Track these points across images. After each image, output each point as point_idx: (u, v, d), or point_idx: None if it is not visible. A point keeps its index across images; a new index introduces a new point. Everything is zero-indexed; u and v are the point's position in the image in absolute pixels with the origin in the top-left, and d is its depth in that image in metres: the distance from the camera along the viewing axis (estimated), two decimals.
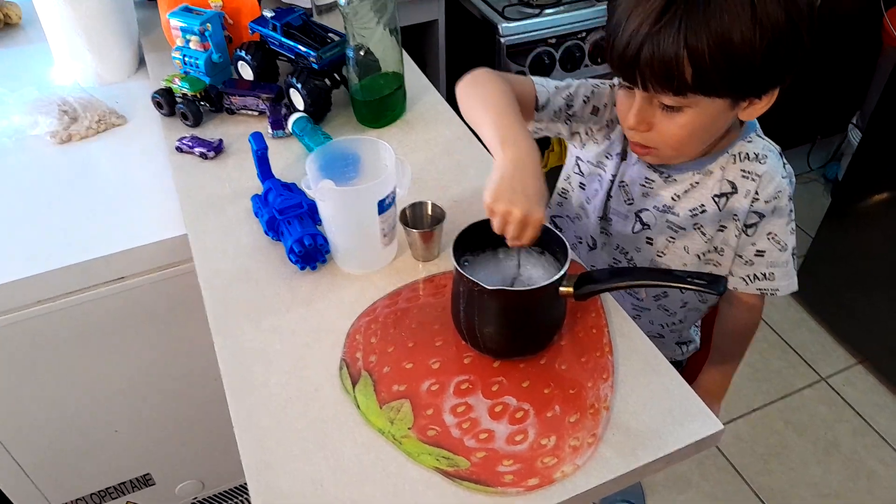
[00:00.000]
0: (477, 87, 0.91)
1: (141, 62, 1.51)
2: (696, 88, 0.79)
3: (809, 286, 2.20)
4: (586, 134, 1.04)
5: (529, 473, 0.74)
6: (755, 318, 1.11)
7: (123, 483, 1.46)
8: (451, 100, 1.96)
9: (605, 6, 1.74)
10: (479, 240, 0.87)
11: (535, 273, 0.89)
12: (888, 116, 1.76)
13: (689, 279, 0.74)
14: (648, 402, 0.81)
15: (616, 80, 1.01)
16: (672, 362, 1.24)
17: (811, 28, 0.80)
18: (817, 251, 2.12)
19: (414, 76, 1.37)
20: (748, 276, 1.01)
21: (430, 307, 0.93)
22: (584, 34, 1.72)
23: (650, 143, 0.90)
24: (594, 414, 0.79)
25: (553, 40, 1.69)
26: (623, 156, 1.03)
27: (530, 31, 1.68)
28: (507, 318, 0.81)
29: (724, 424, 0.79)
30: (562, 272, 0.79)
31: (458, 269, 0.80)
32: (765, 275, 1.00)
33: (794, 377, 2.09)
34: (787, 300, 2.28)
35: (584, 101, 1.01)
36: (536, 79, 1.00)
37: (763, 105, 0.86)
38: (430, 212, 0.99)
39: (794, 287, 1.02)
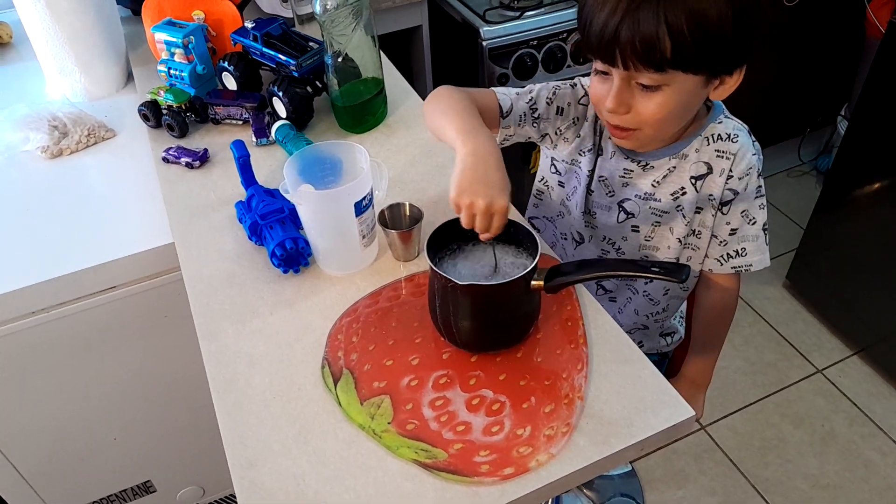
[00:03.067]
0: (437, 102, 0.95)
1: (129, 76, 1.54)
2: (676, 64, 0.83)
3: (803, 278, 2.22)
4: (556, 134, 1.06)
5: (505, 463, 0.76)
6: (732, 300, 1.13)
7: (125, 490, 1.48)
8: None
9: None
10: (455, 237, 0.89)
11: (513, 269, 0.91)
12: (872, 106, 1.78)
13: (652, 268, 0.76)
14: (621, 391, 0.82)
15: (578, 80, 1.05)
16: (658, 354, 1.27)
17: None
18: (810, 242, 2.13)
19: (394, 81, 1.39)
20: (723, 256, 1.05)
21: (411, 305, 0.95)
22: (565, 35, 1.74)
23: (630, 125, 0.92)
24: (568, 404, 0.81)
25: (535, 42, 1.71)
26: (598, 151, 1.05)
27: (512, 34, 1.71)
28: (481, 313, 0.83)
29: (720, 419, 0.80)
30: (532, 265, 0.81)
31: (432, 266, 0.82)
32: (737, 251, 1.04)
33: (790, 370, 2.10)
34: (781, 293, 2.30)
35: (548, 103, 1.03)
36: (497, 88, 1.03)
37: (732, 83, 0.90)
38: (408, 212, 1.01)
39: (767, 262, 1.05)
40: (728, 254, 1.05)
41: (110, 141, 1.38)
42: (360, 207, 0.93)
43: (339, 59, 1.17)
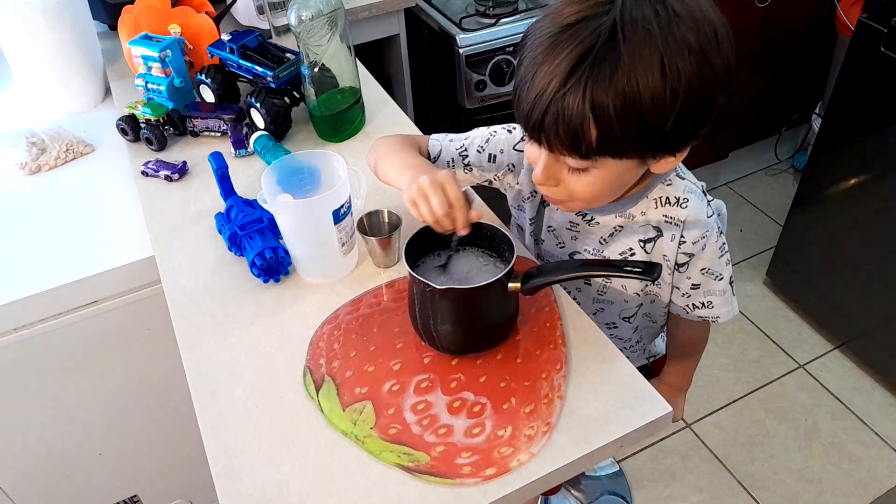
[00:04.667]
0: (375, 151, 0.98)
1: (107, 91, 1.54)
2: (603, 151, 0.76)
3: (783, 275, 2.24)
4: (496, 180, 1.04)
5: (487, 464, 0.77)
6: (704, 333, 1.13)
7: None
8: (418, 112, 2.00)
9: None
10: (434, 244, 0.90)
11: (491, 273, 0.92)
12: (844, 104, 1.81)
13: (625, 267, 0.77)
14: (599, 390, 0.84)
15: (514, 126, 1.01)
16: (638, 367, 1.27)
17: (724, 86, 0.75)
18: (788, 239, 2.16)
19: (372, 90, 1.40)
20: (688, 306, 1.02)
21: (392, 311, 0.96)
22: None
23: (560, 197, 0.87)
24: (548, 403, 0.82)
25: (510, 48, 1.73)
26: (543, 200, 1.03)
27: (488, 41, 1.72)
28: (460, 316, 0.84)
29: (705, 416, 0.81)
30: (509, 266, 0.83)
31: (411, 271, 0.83)
32: (703, 304, 1.00)
33: (773, 366, 2.12)
34: (762, 290, 2.32)
35: (479, 151, 1.01)
36: (435, 135, 1.04)
37: (676, 159, 0.81)
38: (386, 219, 1.02)
39: (735, 312, 1.02)
40: (694, 304, 1.01)
41: (89, 156, 1.38)
42: (339, 215, 0.93)
43: (316, 70, 1.18)
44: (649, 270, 0.76)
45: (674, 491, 1.84)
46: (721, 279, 0.98)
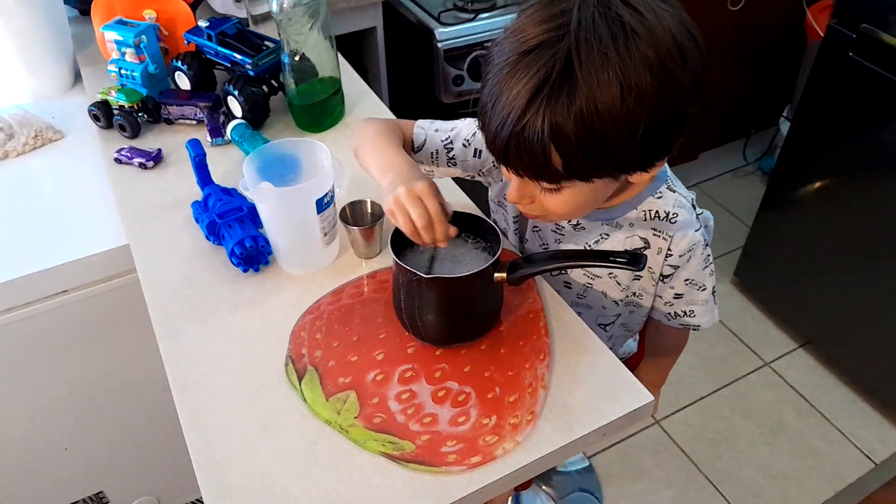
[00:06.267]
0: (359, 136, 0.96)
1: (77, 77, 1.50)
2: (570, 176, 0.74)
3: (750, 275, 2.28)
4: (480, 175, 1.03)
5: (472, 452, 0.76)
6: (683, 339, 1.14)
7: (76, 502, 1.44)
8: (394, 106, 1.99)
9: None
10: None
11: (476, 265, 0.91)
12: (813, 108, 1.85)
13: (610, 258, 0.78)
14: (583, 379, 0.84)
15: None
16: None
17: (695, 98, 0.73)
18: (755, 240, 2.19)
19: (351, 81, 1.39)
20: (669, 314, 1.02)
21: (374, 302, 0.95)
22: None
23: (536, 213, 0.86)
24: (532, 393, 0.82)
25: (489, 43, 1.72)
26: None
27: (466, 35, 1.72)
28: (446, 306, 0.83)
29: (673, 413, 0.82)
30: (495, 257, 0.82)
31: (397, 260, 0.82)
32: (685, 312, 1.00)
33: (740, 364, 2.16)
34: (730, 289, 2.36)
35: (465, 145, 0.99)
36: (420, 122, 1.01)
37: (650, 174, 0.79)
38: (369, 209, 1.01)
39: (715, 320, 1.02)
40: (675, 313, 1.01)
41: (58, 143, 1.34)
42: (322, 204, 0.92)
43: (296, 59, 1.17)
44: (634, 260, 0.76)
45: (643, 486, 1.86)
46: (704, 289, 0.97)
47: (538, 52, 0.69)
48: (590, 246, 0.96)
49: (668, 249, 0.92)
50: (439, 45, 1.70)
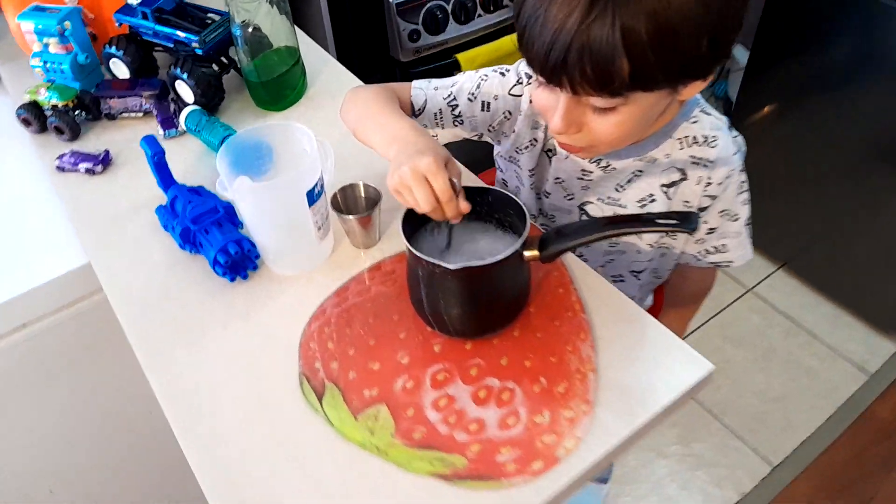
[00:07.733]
0: (353, 109, 0.86)
1: None
2: (635, 85, 0.68)
3: None
4: (490, 131, 0.95)
5: (531, 457, 0.68)
6: (709, 284, 1.09)
7: None
8: None
9: None
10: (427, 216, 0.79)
11: (501, 246, 0.82)
12: (771, 31, 1.82)
13: (657, 221, 0.69)
14: (633, 355, 0.77)
15: (511, 67, 0.92)
16: None
17: None
18: None
19: (310, 49, 1.26)
20: (700, 252, 0.97)
21: (384, 297, 0.85)
22: None
23: (581, 144, 0.79)
24: (582, 379, 0.74)
25: None
26: (546, 148, 0.94)
27: None
28: (476, 296, 0.74)
29: None
30: (523, 237, 0.73)
31: (415, 252, 0.72)
32: (717, 248, 0.95)
33: (724, 293, 2.14)
34: None
35: (470, 99, 0.91)
36: (416, 82, 0.92)
37: (705, 82, 0.75)
38: (363, 193, 0.90)
39: (749, 256, 0.97)
40: (707, 250, 0.96)
41: None
42: (313, 196, 0.81)
43: (249, 30, 1.03)
44: (686, 220, 0.68)
45: None
46: (737, 219, 0.93)
47: None
48: (621, 187, 0.90)
49: (708, 178, 0.87)
50: None
